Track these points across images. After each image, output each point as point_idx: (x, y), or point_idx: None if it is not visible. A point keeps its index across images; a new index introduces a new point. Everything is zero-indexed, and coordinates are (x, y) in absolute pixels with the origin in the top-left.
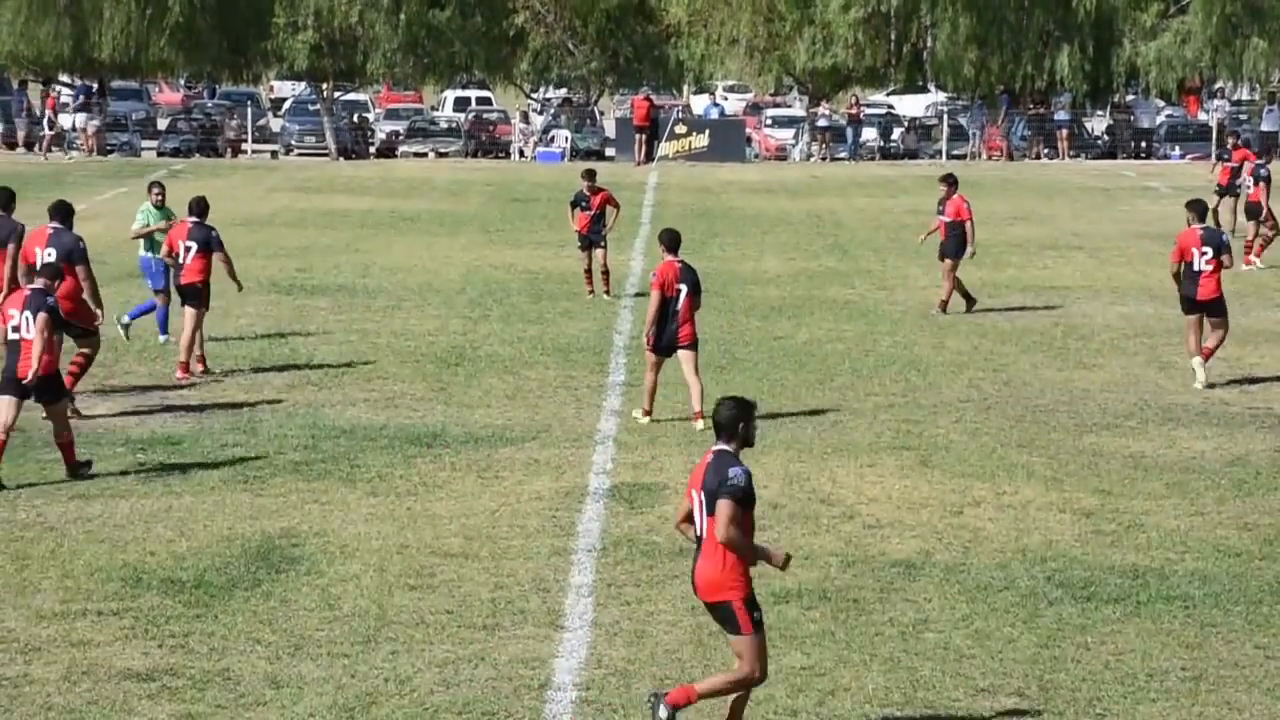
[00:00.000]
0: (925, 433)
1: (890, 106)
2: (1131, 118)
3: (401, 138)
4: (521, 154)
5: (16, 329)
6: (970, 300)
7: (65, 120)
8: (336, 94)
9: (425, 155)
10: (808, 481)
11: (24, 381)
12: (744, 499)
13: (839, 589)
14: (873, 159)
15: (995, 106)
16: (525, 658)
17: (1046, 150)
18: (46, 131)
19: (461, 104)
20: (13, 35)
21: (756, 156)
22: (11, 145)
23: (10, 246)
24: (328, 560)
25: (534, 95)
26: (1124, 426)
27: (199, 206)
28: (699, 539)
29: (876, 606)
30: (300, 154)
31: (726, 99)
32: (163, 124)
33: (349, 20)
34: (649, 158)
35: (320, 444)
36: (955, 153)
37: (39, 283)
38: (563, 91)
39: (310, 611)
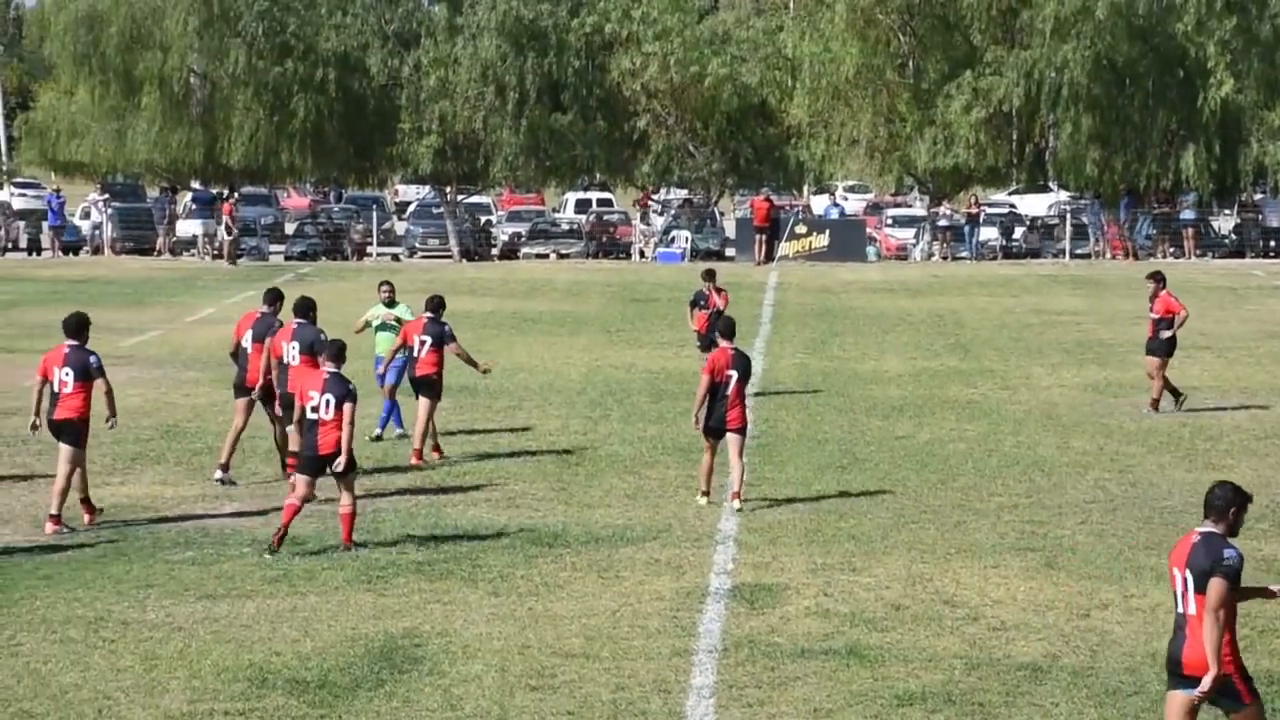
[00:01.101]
0: (1050, 534)
1: (1012, 205)
2: (1260, 216)
3: (523, 239)
4: (642, 255)
5: (315, 409)
6: (1178, 396)
7: (191, 226)
8: (459, 197)
9: (547, 257)
10: (931, 582)
11: (327, 457)
12: (1236, 581)
13: (964, 692)
14: (994, 258)
15: (1115, 205)
16: None
17: (1173, 249)
18: (225, 237)
19: (582, 206)
20: (147, 144)
21: (877, 256)
22: (145, 251)
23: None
24: (450, 660)
25: (654, 197)
26: (1255, 529)
27: (433, 304)
28: (1180, 616)
29: (1002, 710)
30: (424, 256)
31: (847, 199)
32: (290, 228)
33: (472, 125)
34: (769, 258)
35: (442, 544)
36: (1079, 252)
37: (331, 365)
38: (683, 192)
39: (432, 712)
